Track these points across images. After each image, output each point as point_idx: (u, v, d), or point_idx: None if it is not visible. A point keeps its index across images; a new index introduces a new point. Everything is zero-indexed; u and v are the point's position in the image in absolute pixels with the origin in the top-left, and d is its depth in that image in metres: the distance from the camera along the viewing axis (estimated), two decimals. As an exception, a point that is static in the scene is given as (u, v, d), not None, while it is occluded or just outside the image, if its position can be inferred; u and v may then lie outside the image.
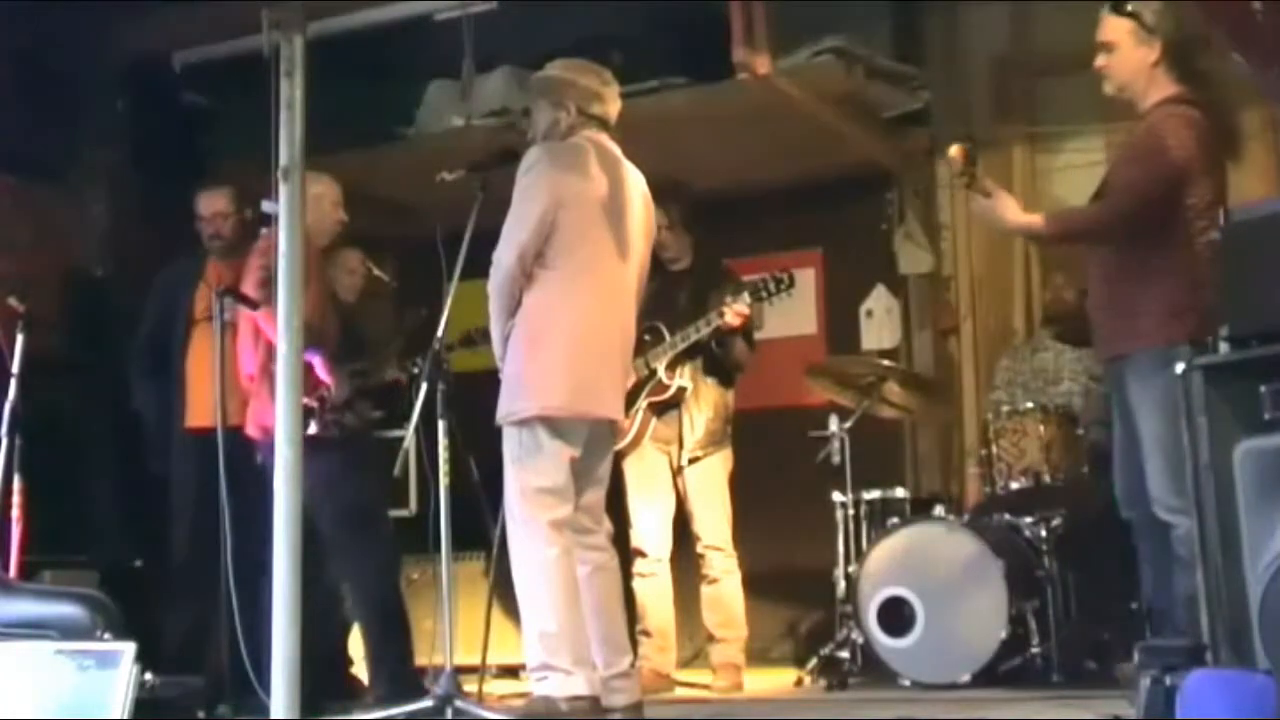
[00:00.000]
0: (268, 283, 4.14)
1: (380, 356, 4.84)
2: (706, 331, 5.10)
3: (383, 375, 4.77)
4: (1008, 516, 5.11)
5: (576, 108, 3.96)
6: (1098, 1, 3.88)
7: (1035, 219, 3.99)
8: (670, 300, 5.15)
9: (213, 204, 5.21)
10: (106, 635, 3.04)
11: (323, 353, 4.55)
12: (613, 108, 4.03)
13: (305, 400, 4.41)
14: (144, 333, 5.26)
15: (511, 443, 3.80)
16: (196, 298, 5.12)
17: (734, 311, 5.04)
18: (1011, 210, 3.96)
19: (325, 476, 4.34)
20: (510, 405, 3.80)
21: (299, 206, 2.92)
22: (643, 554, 5.24)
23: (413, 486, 5.88)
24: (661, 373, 5.16)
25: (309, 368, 4.52)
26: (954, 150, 3.97)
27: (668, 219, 5.06)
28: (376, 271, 5.26)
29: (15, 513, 4.06)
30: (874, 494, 5.31)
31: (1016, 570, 4.79)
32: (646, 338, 5.00)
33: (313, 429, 4.43)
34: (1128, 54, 3.83)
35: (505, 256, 3.80)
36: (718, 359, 5.26)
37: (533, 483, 3.76)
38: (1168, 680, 2.76)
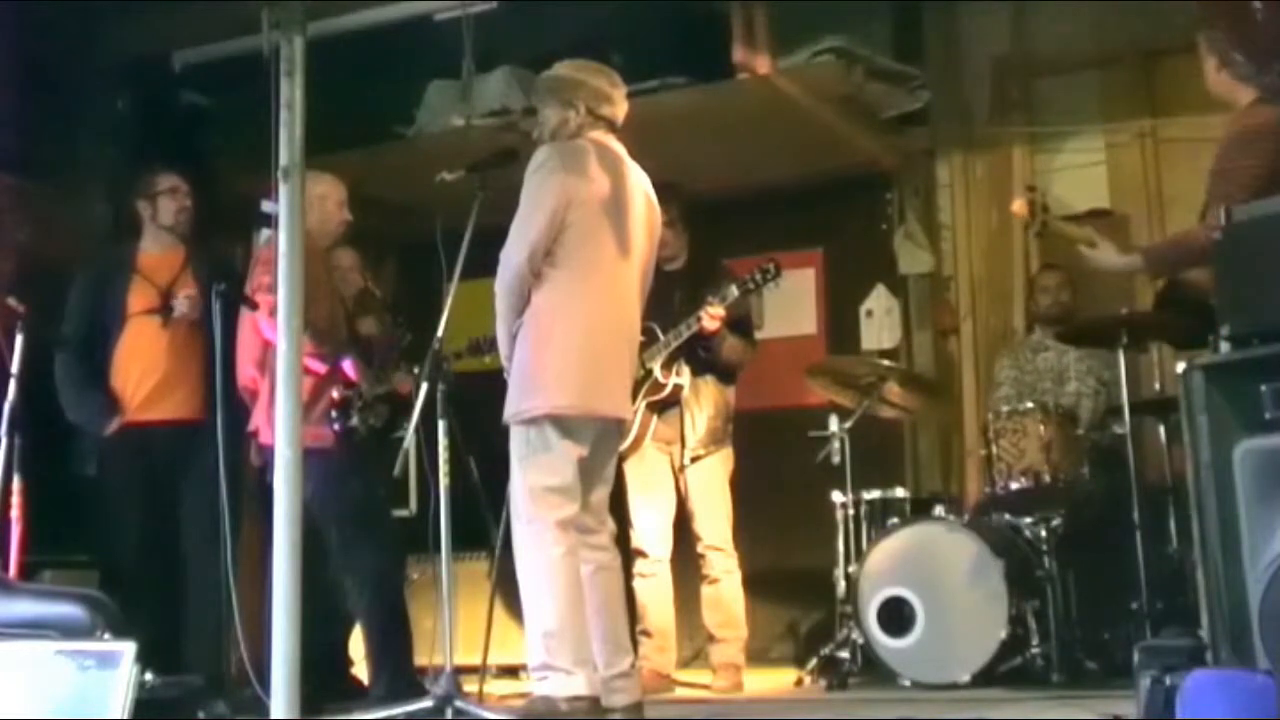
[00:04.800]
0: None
1: (388, 360, 4.85)
2: (686, 335, 5.10)
3: (391, 381, 4.77)
4: (1008, 516, 5.11)
5: (586, 108, 3.95)
6: (1097, 1, 3.89)
7: (1134, 259, 4.08)
8: (666, 300, 5.14)
9: (176, 181, 5.09)
10: (106, 635, 3.04)
11: (349, 355, 4.58)
12: (620, 109, 4.03)
13: (338, 397, 4.46)
14: (72, 333, 4.95)
15: (519, 441, 3.80)
16: (130, 291, 4.96)
17: (710, 314, 5.04)
18: (1110, 256, 4.10)
19: (328, 477, 4.35)
20: (519, 404, 3.79)
21: (299, 206, 2.92)
22: (643, 554, 5.25)
23: (413, 486, 5.88)
24: (657, 372, 5.16)
25: (338, 370, 4.54)
26: (1016, 206, 4.08)
27: (667, 217, 5.07)
28: (370, 285, 5.24)
29: (15, 513, 4.05)
30: (874, 494, 5.31)
31: (1016, 570, 4.79)
32: (642, 339, 5.00)
33: (354, 422, 4.49)
34: (1210, 73, 3.90)
35: (515, 255, 3.79)
36: (708, 360, 5.25)
37: (541, 481, 3.75)
38: (1168, 680, 2.76)
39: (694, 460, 5.25)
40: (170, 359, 4.91)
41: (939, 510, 5.08)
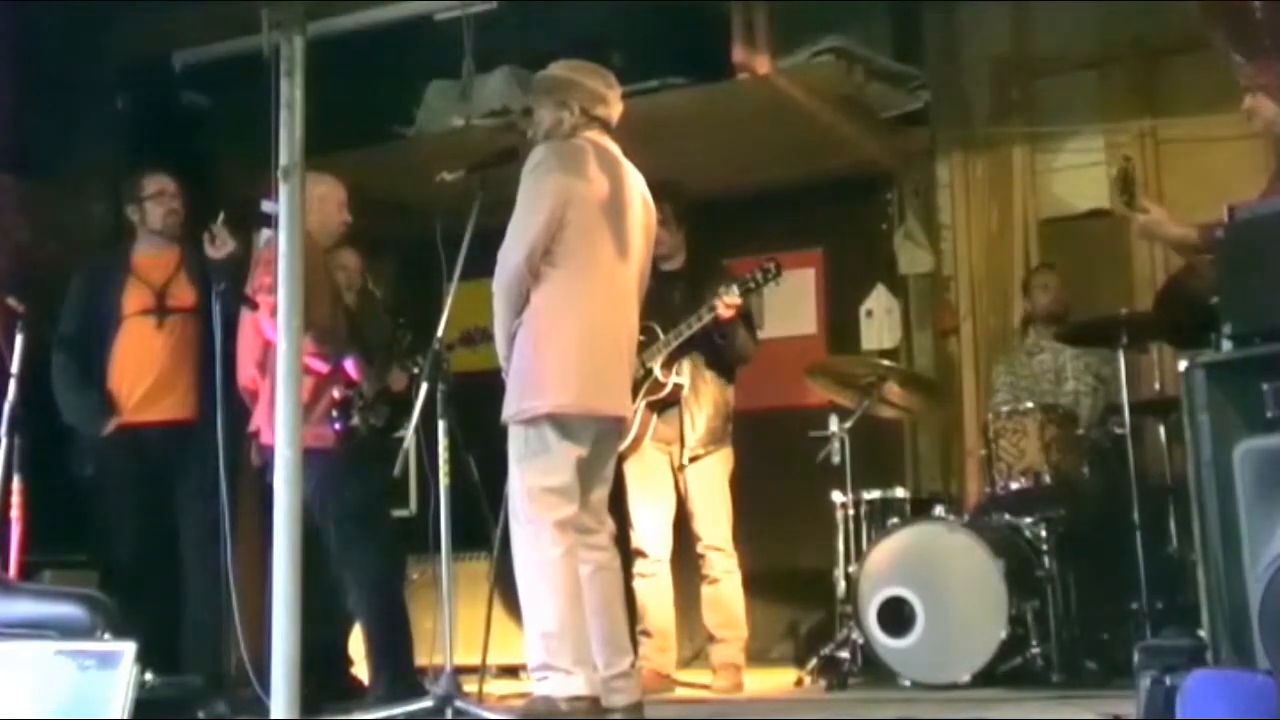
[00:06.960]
0: None
1: (386, 359, 4.84)
2: (700, 325, 5.10)
3: (389, 379, 4.77)
4: (1008, 516, 5.11)
5: (580, 108, 3.95)
6: (1097, 1, 3.87)
7: (1189, 231, 3.98)
8: (664, 299, 5.14)
9: (163, 183, 5.07)
10: (106, 635, 3.04)
11: (351, 354, 4.57)
12: (615, 110, 4.03)
13: (339, 396, 4.45)
14: (66, 333, 4.92)
15: (518, 442, 3.79)
16: (125, 292, 4.95)
17: (725, 303, 5.05)
18: (1165, 224, 4.03)
19: (328, 477, 4.35)
20: (518, 404, 3.78)
21: (299, 206, 2.92)
22: (643, 554, 5.24)
23: (413, 486, 5.88)
24: (657, 371, 5.16)
25: (339, 370, 4.54)
26: (1116, 173, 3.99)
27: (662, 216, 5.06)
28: (370, 286, 5.24)
29: (15, 513, 4.05)
30: (874, 494, 5.30)
31: (1016, 570, 4.79)
32: (641, 338, 5.00)
33: (354, 421, 4.48)
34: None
35: (513, 255, 3.78)
36: (721, 351, 5.25)
37: (539, 482, 3.75)
38: (1168, 680, 2.76)
39: (693, 460, 5.25)
40: (165, 360, 4.91)
41: (939, 510, 5.08)
